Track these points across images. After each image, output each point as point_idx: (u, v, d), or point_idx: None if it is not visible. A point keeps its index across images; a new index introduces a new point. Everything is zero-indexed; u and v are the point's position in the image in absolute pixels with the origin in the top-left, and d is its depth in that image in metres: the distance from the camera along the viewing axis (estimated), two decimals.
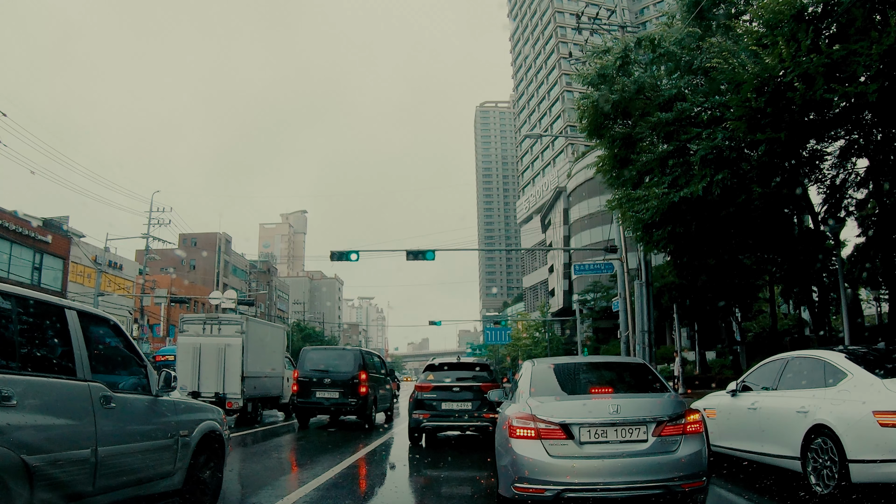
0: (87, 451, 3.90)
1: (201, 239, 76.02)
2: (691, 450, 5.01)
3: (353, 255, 21.60)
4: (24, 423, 3.44)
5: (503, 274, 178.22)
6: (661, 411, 5.09)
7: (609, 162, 16.64)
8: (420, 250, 21.44)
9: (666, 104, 14.34)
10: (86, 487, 3.87)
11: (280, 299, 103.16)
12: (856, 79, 10.18)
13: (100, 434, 4.02)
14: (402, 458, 10.37)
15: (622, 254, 20.91)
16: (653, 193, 12.98)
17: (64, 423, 3.79)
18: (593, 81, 15.82)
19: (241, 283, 79.52)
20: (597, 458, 4.89)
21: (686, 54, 14.03)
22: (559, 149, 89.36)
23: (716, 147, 12.46)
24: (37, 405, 3.60)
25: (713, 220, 13.82)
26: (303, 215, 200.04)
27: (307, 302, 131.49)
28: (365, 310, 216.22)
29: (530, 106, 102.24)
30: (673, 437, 5.00)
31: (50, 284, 41.63)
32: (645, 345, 17.65)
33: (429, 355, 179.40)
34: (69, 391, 3.94)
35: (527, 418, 5.07)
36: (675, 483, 4.86)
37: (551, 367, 6.29)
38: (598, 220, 62.60)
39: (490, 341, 66.85)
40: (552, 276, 77.18)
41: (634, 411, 5.07)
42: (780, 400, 6.80)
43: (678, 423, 5.04)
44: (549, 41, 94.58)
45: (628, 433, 4.98)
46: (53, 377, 3.90)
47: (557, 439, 4.94)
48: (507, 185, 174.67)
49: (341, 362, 14.64)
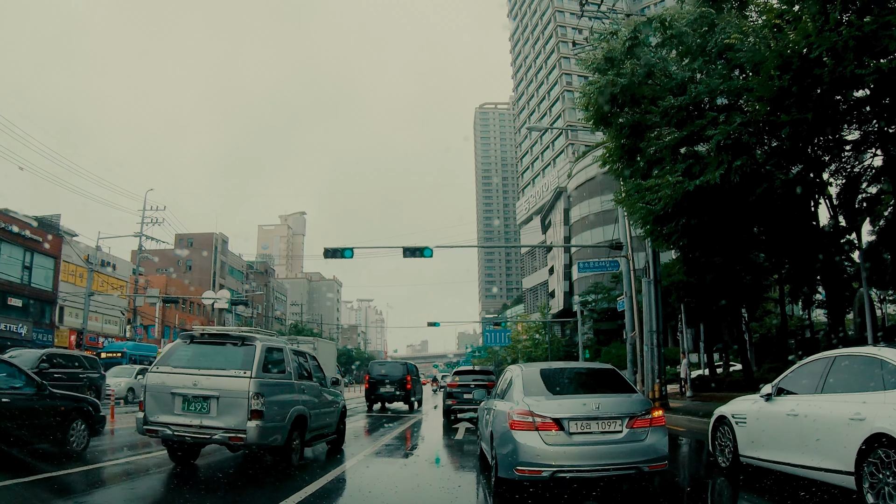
0: (318, 409, 9.11)
1: (198, 239, 75.08)
2: (656, 439, 6.12)
3: (348, 252, 20.70)
4: (305, 399, 8.55)
5: (503, 276, 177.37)
6: (633, 408, 6.20)
7: (616, 153, 15.75)
8: (417, 247, 20.53)
9: (678, 88, 13.46)
10: (317, 423, 9.06)
11: (278, 301, 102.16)
12: (889, 53, 9.35)
13: (321, 403, 9.40)
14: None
15: (628, 251, 20.02)
16: (666, 182, 12.08)
17: (312, 398, 8.93)
18: (600, 67, 14.95)
19: (237, 284, 78.56)
20: (582, 445, 5.96)
21: (698, 36, 13.14)
22: (559, 149, 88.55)
23: (733, 132, 11.58)
24: (307, 391, 8.79)
25: (730, 211, 12.94)
26: (301, 217, 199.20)
27: (306, 303, 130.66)
28: (364, 311, 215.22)
29: (530, 106, 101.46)
30: (642, 429, 6.10)
31: (41, 284, 40.68)
32: (653, 345, 16.73)
33: (428, 357, 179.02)
34: (312, 385, 9.14)
35: (526, 414, 6.07)
36: (644, 465, 5.98)
37: (538, 371, 7.27)
38: (599, 220, 61.76)
39: (489, 343, 65.98)
40: (552, 277, 76.29)
41: (612, 408, 6.14)
42: (826, 405, 5.90)
43: (646, 418, 6.15)
44: (549, 40, 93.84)
45: (607, 425, 6.06)
46: (307, 381, 8.99)
47: (551, 430, 5.97)
48: (507, 187, 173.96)
49: (395, 370, 22.80)
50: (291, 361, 8.48)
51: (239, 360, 7.44)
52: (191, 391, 7.25)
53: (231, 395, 7.17)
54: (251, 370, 7.30)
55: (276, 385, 7.79)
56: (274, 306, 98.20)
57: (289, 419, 7.79)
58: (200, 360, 7.58)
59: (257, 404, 7.14)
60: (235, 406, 7.12)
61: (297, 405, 8.13)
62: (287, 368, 8.27)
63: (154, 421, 7.32)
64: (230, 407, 7.14)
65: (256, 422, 7.08)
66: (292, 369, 8.41)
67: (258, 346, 7.67)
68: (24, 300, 38.22)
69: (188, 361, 7.61)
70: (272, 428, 7.35)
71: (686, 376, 22.31)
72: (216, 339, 7.94)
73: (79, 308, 42.23)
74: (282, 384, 7.97)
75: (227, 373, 7.31)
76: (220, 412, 7.16)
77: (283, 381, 8.06)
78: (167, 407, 7.31)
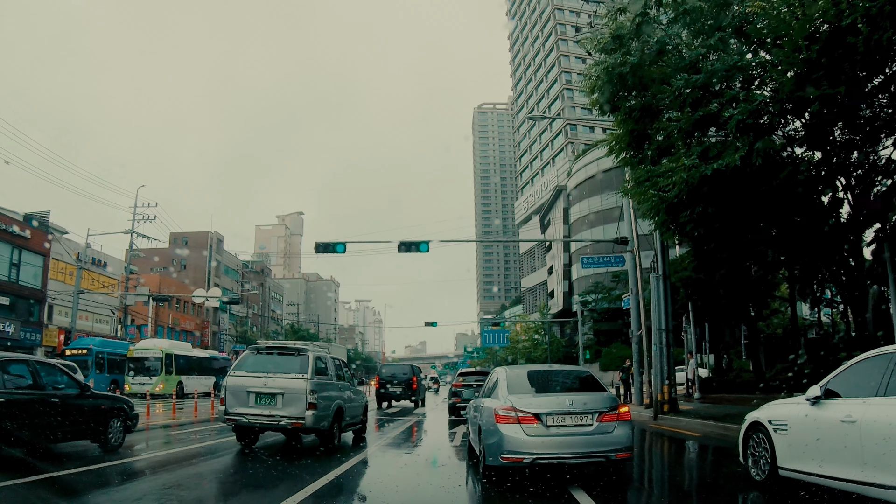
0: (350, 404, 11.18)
1: (193, 238, 74.12)
2: (623, 431, 6.84)
3: (340, 246, 19.74)
4: (342, 395, 10.80)
5: (501, 276, 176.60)
6: (602, 405, 6.91)
7: (624, 139, 14.81)
8: (413, 241, 19.57)
9: (691, 68, 12.52)
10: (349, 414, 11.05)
11: (275, 301, 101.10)
12: None
13: (351, 398, 11.37)
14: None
15: (633, 245, 19.07)
16: (681, 166, 11.12)
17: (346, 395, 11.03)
18: (607, 47, 14.00)
19: (233, 284, 77.51)
20: (558, 436, 6.69)
21: (713, 6, 12.15)
22: (558, 148, 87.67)
23: (754, 111, 10.64)
24: (342, 389, 11.03)
25: (747, 200, 11.99)
26: (299, 217, 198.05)
27: (303, 304, 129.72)
28: (362, 312, 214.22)
29: (529, 104, 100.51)
30: (610, 423, 6.80)
31: (29, 282, 39.69)
32: (662, 345, 15.76)
33: (427, 358, 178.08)
34: (345, 385, 11.36)
35: (509, 409, 6.80)
36: (612, 454, 6.69)
37: (521, 373, 8.25)
38: (600, 219, 60.84)
39: (487, 344, 64.96)
40: (552, 277, 75.35)
41: (583, 404, 6.85)
42: (892, 410, 4.94)
43: (613, 413, 6.86)
44: (548, 38, 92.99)
45: (580, 419, 6.76)
46: (341, 381, 11.13)
47: (531, 423, 6.68)
48: (506, 188, 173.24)
49: (402, 372, 25.24)
50: (332, 366, 10.95)
51: (297, 366, 9.71)
52: (262, 389, 9.50)
53: (293, 392, 9.40)
54: (307, 373, 9.57)
55: (324, 384, 10.09)
56: (270, 306, 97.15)
57: (332, 410, 10.06)
58: (267, 366, 9.83)
59: (312, 399, 9.40)
60: (296, 400, 9.35)
61: (337, 400, 10.45)
62: (329, 372, 10.68)
63: (232, 412, 9.52)
64: (292, 401, 9.36)
65: (312, 412, 9.34)
66: (332, 372, 10.85)
67: (310, 355, 9.99)
68: (12, 298, 37.18)
69: (257, 367, 9.86)
70: (322, 416, 9.61)
71: (694, 377, 21.33)
72: (278, 350, 10.39)
73: (68, 307, 41.26)
74: (327, 384, 10.27)
75: (289, 376, 9.55)
76: (284, 405, 9.39)
77: (328, 381, 10.40)
78: (243, 401, 9.52)
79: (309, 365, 9.68)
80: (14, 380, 8.19)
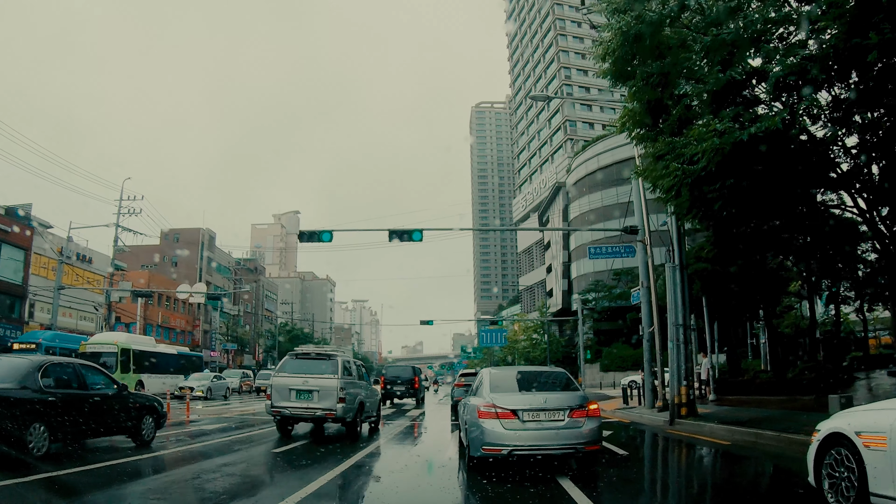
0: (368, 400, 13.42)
1: (184, 235, 72.41)
2: (592, 426, 7.66)
3: (326, 234, 18.19)
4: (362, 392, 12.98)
5: (498, 277, 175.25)
6: (573, 402, 7.78)
7: (639, 113, 13.29)
8: (405, 230, 18.03)
9: (716, 24, 11.00)
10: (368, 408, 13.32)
11: (269, 299, 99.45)
12: None
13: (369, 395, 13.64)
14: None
15: (644, 235, 17.56)
16: (712, 130, 9.59)
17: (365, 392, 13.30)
18: (620, 6, 12.49)
19: (225, 282, 75.84)
20: (533, 430, 7.55)
21: None
22: (557, 144, 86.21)
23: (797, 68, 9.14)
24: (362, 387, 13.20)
25: (787, 172, 10.46)
26: (295, 216, 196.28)
27: (299, 303, 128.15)
28: (359, 312, 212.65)
29: (528, 116, 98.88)
30: (580, 418, 7.64)
31: (10, 277, 38.18)
32: (679, 341, 14.20)
33: (424, 358, 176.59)
34: (364, 384, 13.64)
35: (490, 406, 7.69)
36: (581, 446, 7.54)
37: (503, 373, 9.32)
38: (601, 215, 59.34)
39: (485, 343, 63.37)
40: (550, 276, 73.83)
41: (556, 402, 7.77)
42: None
43: (583, 409, 7.71)
44: (547, 34, 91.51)
45: (553, 415, 7.61)
46: (361, 381, 13.50)
47: (509, 419, 7.56)
48: (503, 187, 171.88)
49: (405, 373, 27.63)
50: (355, 369, 13.15)
51: (329, 368, 11.89)
52: (301, 387, 11.62)
53: (326, 389, 11.50)
54: (337, 374, 11.75)
55: (350, 383, 12.20)
56: (264, 304, 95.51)
57: (356, 404, 12.22)
58: (304, 369, 12.02)
59: (342, 394, 11.54)
60: (329, 395, 11.46)
61: (359, 396, 12.56)
62: (353, 373, 12.88)
63: (277, 405, 11.64)
64: (326, 396, 11.47)
65: (341, 404, 11.51)
66: (355, 374, 13.02)
67: (339, 359, 12.23)
68: None
69: (297, 369, 12.03)
70: (349, 408, 11.79)
71: (708, 378, 19.80)
72: (313, 356, 12.51)
73: (51, 303, 39.64)
74: (352, 382, 12.41)
75: (323, 376, 11.72)
76: (319, 399, 11.52)
77: (353, 381, 12.51)
78: (285, 396, 11.63)
79: (339, 367, 11.92)
80: (63, 381, 8.95)
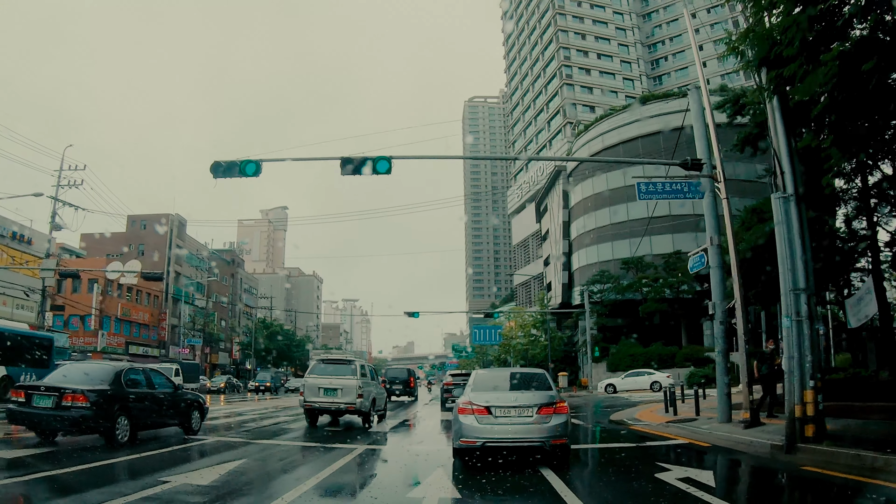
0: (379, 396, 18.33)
1: (151, 221, 66.42)
2: (559, 422, 8.61)
3: (250, 165, 12.63)
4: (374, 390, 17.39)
5: (491, 275, 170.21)
6: (542, 400, 8.79)
7: None
8: (364, 157, 12.47)
9: None
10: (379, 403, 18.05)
11: (248, 294, 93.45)
12: None
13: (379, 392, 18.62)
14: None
15: (712, 169, 12.07)
16: None
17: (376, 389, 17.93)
18: None
19: (196, 273, 69.84)
20: (504, 424, 8.61)
21: None
22: (555, 129, 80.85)
23: None
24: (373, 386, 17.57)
25: None
26: (283, 211, 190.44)
27: (283, 299, 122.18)
28: (349, 311, 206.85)
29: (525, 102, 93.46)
30: (548, 415, 8.62)
31: None
32: (799, 317, 8.61)
33: (414, 359, 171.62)
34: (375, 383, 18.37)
35: (467, 403, 8.88)
36: (548, 440, 8.53)
37: (487, 374, 11.03)
38: (605, 200, 53.89)
39: (478, 341, 57.73)
40: (549, 268, 68.27)
41: (527, 399, 8.84)
42: None
43: (551, 407, 8.67)
44: (546, 30, 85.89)
45: (523, 412, 8.65)
46: (373, 381, 18.01)
47: (483, 414, 8.69)
48: (497, 182, 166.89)
49: (402, 374, 34.10)
50: (369, 372, 17.44)
51: (349, 371, 15.98)
52: (328, 385, 15.64)
53: (348, 387, 15.47)
54: (356, 375, 15.79)
55: (365, 383, 16.20)
56: (243, 299, 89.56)
57: (370, 399, 16.20)
58: (330, 371, 16.14)
59: (359, 391, 15.45)
60: (350, 392, 15.42)
61: (372, 393, 16.61)
62: (367, 375, 16.99)
63: (309, 400, 15.59)
64: (347, 392, 15.43)
65: (360, 399, 15.39)
66: (369, 376, 17.21)
67: (357, 364, 16.52)
68: None
69: (323, 372, 16.17)
70: (365, 402, 15.65)
71: None
72: (337, 361, 17.01)
73: None
74: (367, 382, 16.48)
75: (345, 377, 15.75)
76: (342, 395, 15.45)
77: (367, 381, 16.64)
78: (315, 394, 15.65)
79: (357, 370, 15.98)
80: (137, 382, 11.77)
